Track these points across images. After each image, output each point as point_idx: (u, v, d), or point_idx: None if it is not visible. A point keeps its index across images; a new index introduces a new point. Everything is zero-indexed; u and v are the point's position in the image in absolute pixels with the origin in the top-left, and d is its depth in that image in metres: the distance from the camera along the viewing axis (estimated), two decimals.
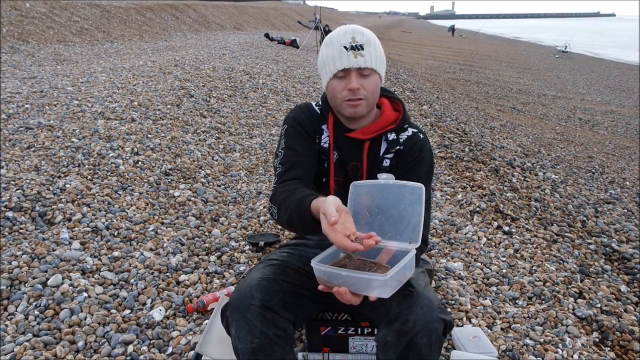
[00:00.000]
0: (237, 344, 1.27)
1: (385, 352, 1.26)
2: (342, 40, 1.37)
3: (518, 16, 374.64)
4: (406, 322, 1.21)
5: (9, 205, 2.54)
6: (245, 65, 8.33)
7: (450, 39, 38.64)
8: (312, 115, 1.53)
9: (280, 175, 1.44)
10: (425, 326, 1.20)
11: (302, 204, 1.24)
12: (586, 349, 2.00)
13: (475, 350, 1.81)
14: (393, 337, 1.23)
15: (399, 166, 1.46)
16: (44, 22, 10.89)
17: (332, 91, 1.41)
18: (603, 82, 15.45)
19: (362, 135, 1.46)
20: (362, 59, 1.35)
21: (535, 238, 3.05)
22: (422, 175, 1.42)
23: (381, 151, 1.48)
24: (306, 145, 1.48)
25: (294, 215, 1.27)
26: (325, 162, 1.52)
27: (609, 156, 5.95)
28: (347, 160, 1.49)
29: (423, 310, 1.22)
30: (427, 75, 12.19)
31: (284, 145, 1.48)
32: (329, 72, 1.39)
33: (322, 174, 1.52)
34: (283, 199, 1.34)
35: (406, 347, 1.21)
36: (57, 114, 4.06)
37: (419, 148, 1.45)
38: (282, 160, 1.46)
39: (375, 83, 1.40)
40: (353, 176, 1.50)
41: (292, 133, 1.49)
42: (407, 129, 1.49)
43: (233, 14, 24.24)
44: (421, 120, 6.17)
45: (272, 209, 1.39)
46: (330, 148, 1.49)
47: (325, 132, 1.52)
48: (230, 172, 3.68)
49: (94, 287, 2.07)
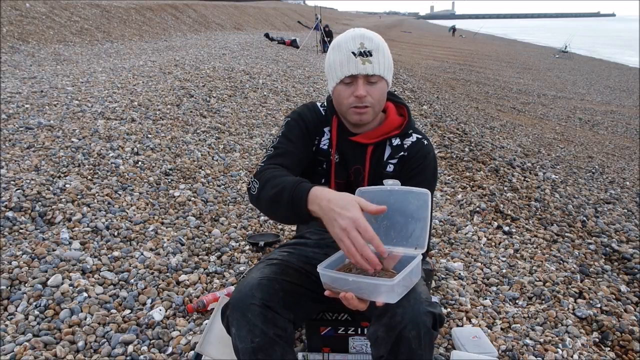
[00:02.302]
0: (238, 344, 1.27)
1: (377, 348, 1.26)
2: (350, 45, 1.35)
3: (518, 16, 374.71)
4: (394, 316, 1.21)
5: (9, 205, 2.54)
6: (245, 65, 8.33)
7: (450, 39, 38.65)
8: (317, 115, 1.52)
9: (270, 157, 1.40)
10: (412, 319, 1.20)
11: (299, 187, 1.18)
12: (586, 349, 2.00)
13: (475, 350, 1.81)
14: (382, 331, 1.23)
15: (403, 172, 1.45)
16: (44, 22, 10.89)
17: (338, 97, 1.40)
18: (603, 82, 15.46)
19: (366, 139, 1.45)
20: (370, 65, 1.33)
21: (535, 238, 3.06)
22: (426, 182, 1.42)
23: (385, 156, 1.48)
24: (303, 141, 1.47)
25: (284, 195, 1.19)
26: (324, 163, 1.51)
27: (609, 156, 5.95)
28: (350, 163, 1.49)
29: (410, 304, 1.21)
30: (427, 75, 12.19)
31: (281, 134, 1.47)
32: (335, 77, 1.38)
33: (320, 175, 1.52)
34: (272, 176, 1.28)
35: (396, 341, 1.21)
36: (57, 114, 4.06)
37: (424, 155, 1.45)
38: (275, 145, 1.44)
39: (382, 90, 1.39)
40: (355, 179, 1.49)
41: (293, 126, 1.48)
42: (412, 134, 1.48)
43: (233, 14, 24.25)
44: (421, 120, 6.17)
45: (254, 184, 1.32)
46: (332, 150, 1.49)
47: (326, 135, 1.51)
48: (230, 172, 3.68)
49: (94, 287, 2.07)
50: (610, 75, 17.77)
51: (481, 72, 14.76)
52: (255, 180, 1.32)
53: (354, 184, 1.49)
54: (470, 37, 42.88)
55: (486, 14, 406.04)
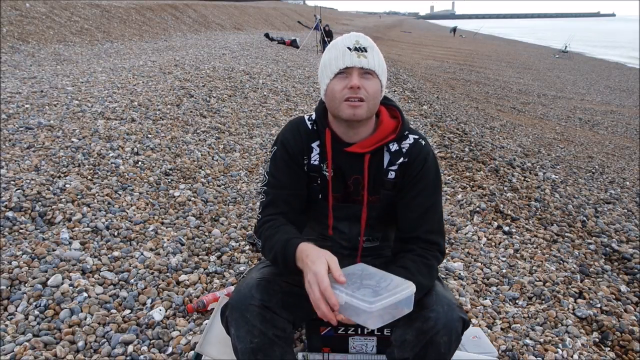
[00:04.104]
0: (237, 344, 1.28)
1: (402, 350, 1.27)
2: (346, 42, 1.36)
3: (518, 16, 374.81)
4: (427, 320, 1.23)
5: (9, 205, 2.54)
6: (245, 65, 8.33)
7: (450, 39, 38.66)
8: (302, 134, 1.47)
9: (264, 208, 1.44)
10: (446, 325, 1.22)
11: (287, 248, 1.26)
12: (586, 349, 2.00)
13: (475, 350, 1.80)
14: (412, 335, 1.25)
15: (405, 178, 1.43)
16: (44, 22, 10.89)
17: (331, 92, 1.36)
18: (603, 82, 15.46)
19: (361, 148, 1.41)
20: (365, 59, 1.33)
21: (535, 238, 3.05)
22: (430, 187, 1.42)
23: (384, 163, 1.45)
24: (290, 173, 1.45)
25: (279, 257, 1.30)
26: (318, 179, 1.47)
27: (609, 156, 5.95)
28: (347, 174, 1.46)
29: (444, 309, 1.24)
30: (427, 75, 12.19)
31: (269, 170, 1.47)
32: (330, 72, 1.35)
33: (315, 191, 1.49)
34: (268, 237, 1.36)
35: (425, 345, 1.23)
36: (57, 114, 4.06)
37: (423, 158, 1.43)
38: (265, 189, 1.45)
39: (377, 86, 1.36)
40: (354, 190, 1.46)
41: (278, 159, 1.46)
42: (408, 135, 1.46)
43: (233, 14, 24.25)
44: (421, 120, 6.17)
45: (257, 242, 1.44)
46: (328, 163, 1.45)
47: (315, 150, 1.46)
48: (230, 172, 3.68)
49: (94, 287, 2.07)
50: (610, 75, 17.77)
51: (481, 72, 14.76)
52: (257, 239, 1.43)
53: (353, 194, 1.47)
54: (470, 37, 42.89)
55: (486, 14, 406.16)
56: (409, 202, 1.42)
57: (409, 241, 1.41)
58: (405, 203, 1.43)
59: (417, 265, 1.32)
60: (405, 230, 1.44)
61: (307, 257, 1.19)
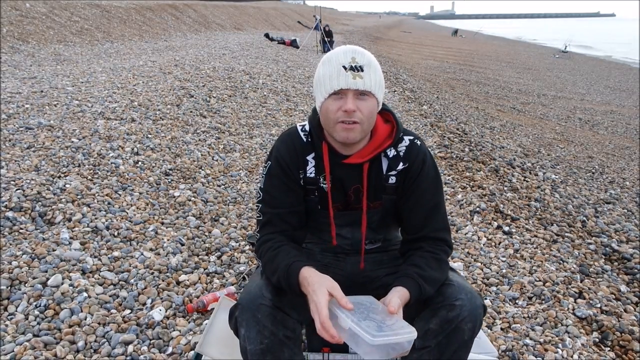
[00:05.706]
0: (246, 345, 1.26)
1: (425, 339, 1.29)
2: (342, 59, 1.29)
3: (518, 16, 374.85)
4: (452, 309, 1.25)
5: (9, 205, 2.54)
6: (245, 65, 8.33)
7: (450, 39, 38.64)
8: (296, 147, 1.43)
9: (262, 227, 1.42)
10: (471, 312, 1.25)
11: (289, 274, 1.26)
12: (586, 349, 2.00)
13: (475, 350, 1.80)
14: (436, 324, 1.27)
15: (407, 181, 1.42)
16: (44, 22, 10.89)
17: (325, 112, 1.32)
18: (603, 82, 15.46)
19: (360, 158, 1.39)
20: (360, 80, 1.27)
21: (535, 238, 3.05)
22: (431, 185, 1.42)
23: (384, 169, 1.43)
24: (286, 192, 1.42)
25: (282, 283, 1.28)
26: (315, 191, 1.45)
27: (609, 156, 5.95)
28: (347, 185, 1.44)
29: (468, 297, 1.27)
30: (427, 75, 12.19)
31: (263, 187, 1.44)
32: (324, 91, 1.30)
33: (314, 203, 1.46)
34: (269, 259, 1.34)
35: (449, 334, 1.26)
36: (57, 114, 4.07)
37: (422, 159, 1.42)
38: (261, 206, 1.43)
39: (372, 107, 1.31)
40: (355, 199, 1.45)
41: (273, 177, 1.42)
42: (403, 137, 1.44)
43: (233, 14, 24.24)
44: (421, 120, 6.18)
45: (259, 262, 1.42)
46: (326, 176, 1.42)
47: (310, 163, 1.43)
48: (230, 172, 3.68)
49: (94, 287, 2.07)
50: (610, 75, 17.76)
51: (481, 72, 14.76)
52: (258, 259, 1.40)
53: (354, 203, 1.46)
54: (470, 37, 42.88)
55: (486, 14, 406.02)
56: (412, 204, 1.42)
57: (417, 241, 1.42)
58: (409, 206, 1.42)
59: (427, 260, 1.34)
60: (411, 231, 1.44)
61: (309, 285, 1.19)
